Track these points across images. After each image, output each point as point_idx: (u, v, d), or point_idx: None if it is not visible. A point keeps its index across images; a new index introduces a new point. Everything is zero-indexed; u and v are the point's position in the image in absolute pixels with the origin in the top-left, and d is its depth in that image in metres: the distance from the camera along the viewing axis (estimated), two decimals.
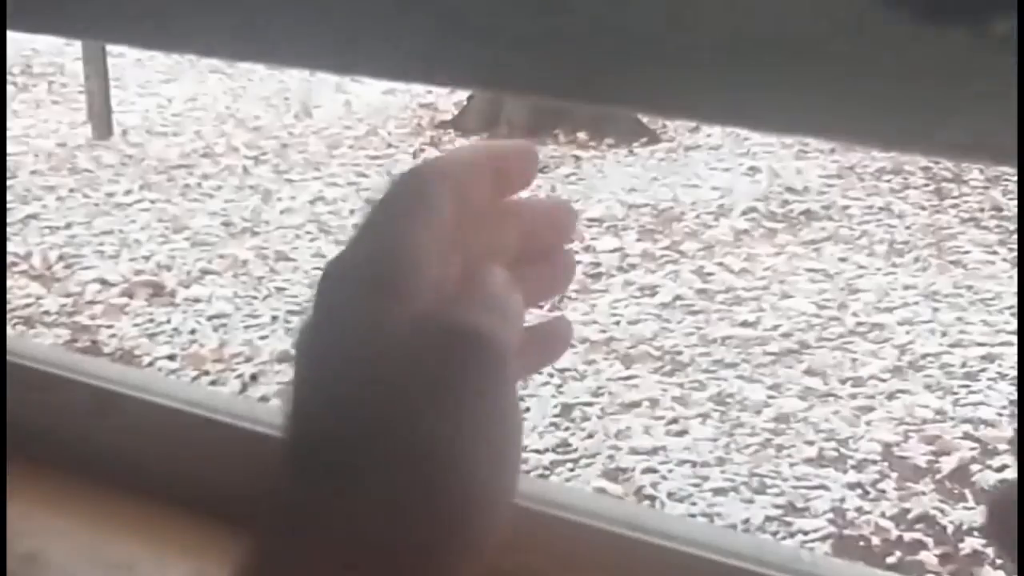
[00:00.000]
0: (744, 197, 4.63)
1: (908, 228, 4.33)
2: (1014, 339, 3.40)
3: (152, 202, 4.63)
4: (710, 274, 3.93)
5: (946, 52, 0.46)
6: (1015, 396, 3.09)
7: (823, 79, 0.49)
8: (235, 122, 5.69)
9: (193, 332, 3.55)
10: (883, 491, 2.74)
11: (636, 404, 3.11)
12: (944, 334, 3.47)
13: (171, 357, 3.41)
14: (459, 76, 0.61)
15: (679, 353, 3.38)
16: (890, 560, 2.51)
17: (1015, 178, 4.59)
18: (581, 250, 4.14)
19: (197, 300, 3.77)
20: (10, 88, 6.09)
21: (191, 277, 3.94)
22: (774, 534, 2.60)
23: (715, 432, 2.99)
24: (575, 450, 2.92)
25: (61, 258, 4.07)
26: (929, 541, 2.58)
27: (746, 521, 2.64)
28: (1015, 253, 4.06)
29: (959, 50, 0.46)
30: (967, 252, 4.11)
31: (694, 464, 2.86)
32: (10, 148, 5.14)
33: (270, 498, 0.40)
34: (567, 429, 3.00)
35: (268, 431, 0.79)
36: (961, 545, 2.56)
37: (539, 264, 0.47)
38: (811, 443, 2.93)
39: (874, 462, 2.85)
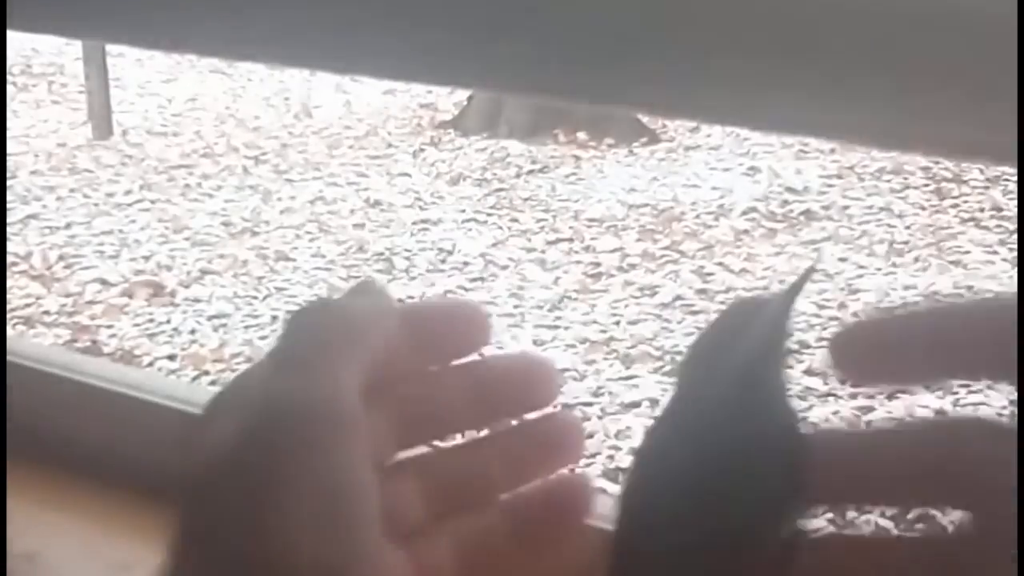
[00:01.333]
0: (744, 197, 4.63)
1: (908, 228, 4.33)
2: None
3: (152, 202, 4.63)
4: (710, 274, 3.93)
5: (946, 52, 0.46)
6: (1015, 396, 3.09)
7: (823, 79, 0.49)
8: (235, 122, 5.69)
9: (193, 332, 3.55)
10: None
11: (636, 404, 3.11)
12: None
13: (171, 357, 3.41)
14: (459, 76, 0.61)
15: (679, 353, 3.38)
16: None
17: (1015, 178, 4.58)
18: (581, 250, 4.14)
19: (197, 300, 3.77)
20: (10, 88, 6.09)
21: (191, 277, 3.93)
22: None
23: None
24: None
25: (61, 258, 4.07)
26: None
27: None
28: (1015, 253, 4.06)
29: (959, 50, 0.46)
30: (967, 252, 4.11)
31: None
32: (10, 148, 5.14)
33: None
34: None
35: None
36: None
37: (516, 431, 0.40)
38: None
39: None
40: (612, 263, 4.02)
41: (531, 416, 0.40)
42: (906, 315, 0.38)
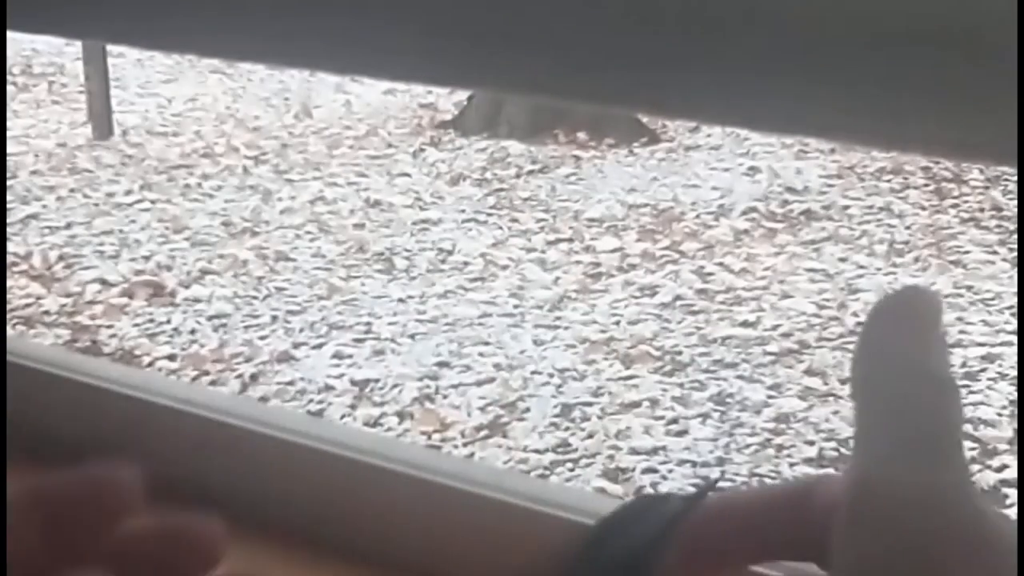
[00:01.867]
0: (744, 197, 4.63)
1: (908, 228, 4.33)
2: (1014, 339, 3.40)
3: (152, 202, 4.63)
4: (710, 274, 3.93)
5: (946, 53, 0.46)
6: (1015, 396, 3.09)
7: (823, 79, 0.49)
8: (235, 122, 5.69)
9: (193, 332, 3.55)
10: None
11: (636, 404, 3.11)
12: None
13: (171, 357, 3.41)
14: (459, 76, 0.61)
15: (679, 353, 3.38)
16: None
17: (1015, 178, 4.59)
18: (581, 250, 4.14)
19: (197, 300, 3.77)
20: (10, 88, 6.09)
21: (191, 277, 3.94)
22: None
23: (715, 432, 2.99)
24: (575, 450, 2.92)
25: (61, 258, 4.07)
26: None
27: None
28: (1015, 253, 4.06)
29: (959, 51, 0.46)
30: (967, 252, 4.11)
31: (694, 464, 2.86)
32: (10, 148, 5.14)
33: None
34: (567, 429, 3.00)
35: (268, 431, 0.79)
36: None
37: None
38: (811, 443, 2.93)
39: None
40: (612, 263, 4.02)
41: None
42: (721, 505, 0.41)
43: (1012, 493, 2.71)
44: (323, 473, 0.76)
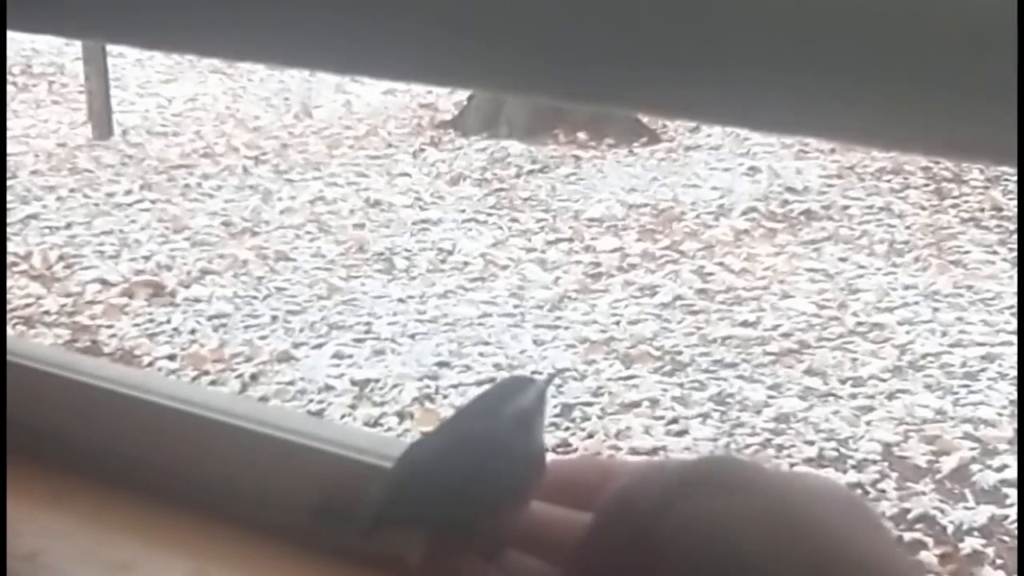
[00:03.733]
0: (744, 197, 4.63)
1: (908, 228, 4.33)
2: (1014, 339, 3.40)
3: (152, 202, 4.63)
4: (710, 274, 3.92)
5: (946, 52, 0.46)
6: (1015, 396, 3.09)
7: (823, 79, 0.49)
8: (235, 122, 5.69)
9: (193, 332, 3.55)
10: (883, 491, 2.74)
11: (636, 404, 3.11)
12: (944, 334, 3.47)
13: (171, 357, 3.41)
14: (459, 76, 0.61)
15: (679, 353, 3.38)
16: None
17: (1015, 178, 4.59)
18: (581, 250, 4.14)
19: (197, 300, 3.77)
20: (10, 88, 6.09)
21: (191, 277, 3.93)
22: None
23: (715, 432, 2.99)
24: (575, 450, 2.92)
25: (61, 258, 4.07)
26: (929, 541, 2.57)
27: None
28: (1015, 253, 4.06)
29: (959, 51, 0.46)
30: (967, 252, 4.11)
31: None
32: (10, 148, 5.14)
33: None
34: (567, 429, 3.00)
35: (268, 431, 0.79)
36: (961, 545, 2.56)
37: None
38: (811, 443, 2.93)
39: (874, 462, 2.85)
40: (612, 263, 4.02)
41: None
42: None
43: (1012, 493, 2.71)
44: (323, 473, 0.76)
